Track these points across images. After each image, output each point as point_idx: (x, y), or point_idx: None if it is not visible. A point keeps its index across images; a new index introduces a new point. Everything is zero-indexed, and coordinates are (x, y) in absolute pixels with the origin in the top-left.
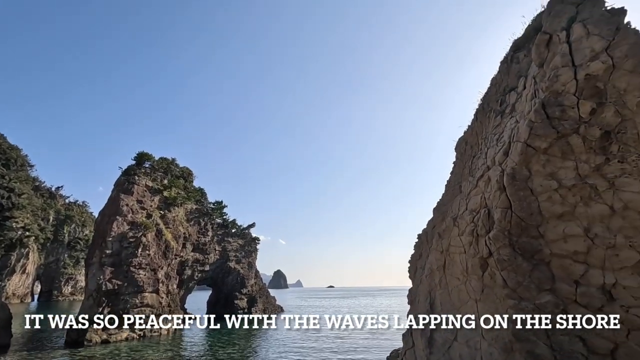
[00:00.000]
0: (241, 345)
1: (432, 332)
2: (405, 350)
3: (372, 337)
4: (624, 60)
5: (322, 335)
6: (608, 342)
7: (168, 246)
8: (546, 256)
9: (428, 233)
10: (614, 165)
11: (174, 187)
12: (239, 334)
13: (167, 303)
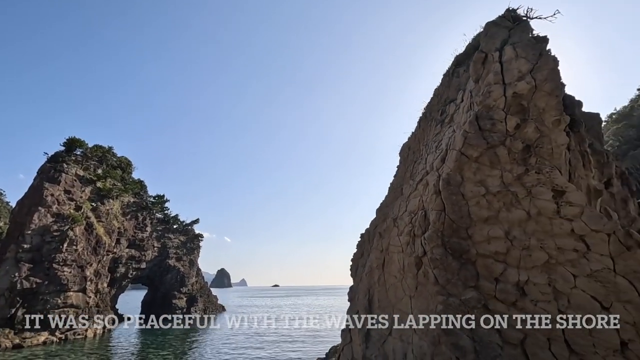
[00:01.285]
0: (177, 347)
1: (369, 328)
2: (343, 346)
3: (311, 336)
4: (544, 83)
5: (260, 335)
6: (519, 332)
7: (99, 241)
8: (473, 256)
9: (370, 233)
10: (532, 175)
11: (110, 177)
12: (176, 335)
13: (96, 303)
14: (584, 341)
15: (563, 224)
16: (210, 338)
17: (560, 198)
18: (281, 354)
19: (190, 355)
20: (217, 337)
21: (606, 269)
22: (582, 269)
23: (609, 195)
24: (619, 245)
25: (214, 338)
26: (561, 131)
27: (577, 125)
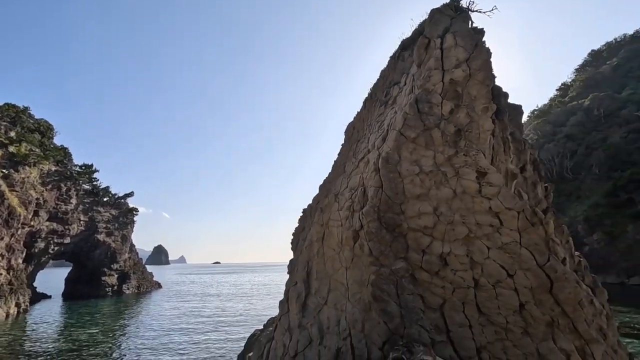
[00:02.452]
0: (107, 324)
1: (306, 298)
2: (281, 316)
3: (248, 310)
4: (477, 72)
5: (196, 311)
6: (439, 298)
7: (12, 213)
8: (404, 230)
9: (312, 208)
10: (460, 157)
11: (26, 142)
12: (103, 313)
13: (8, 281)
14: (491, 304)
15: (483, 202)
16: (141, 314)
17: (482, 179)
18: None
19: (119, 331)
20: (149, 313)
21: (514, 242)
22: (495, 242)
23: (522, 178)
24: (526, 222)
25: (145, 314)
26: (488, 118)
27: (502, 114)
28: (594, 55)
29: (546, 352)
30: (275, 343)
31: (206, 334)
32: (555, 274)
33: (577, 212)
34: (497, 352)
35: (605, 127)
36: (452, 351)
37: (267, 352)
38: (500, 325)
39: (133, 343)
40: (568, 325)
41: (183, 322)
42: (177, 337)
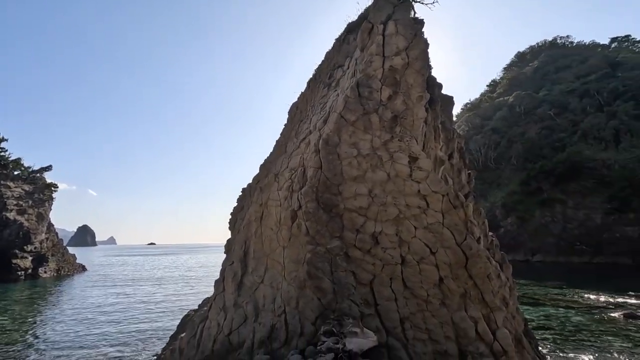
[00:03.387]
0: (18, 312)
1: (243, 277)
2: (216, 296)
3: (183, 292)
4: (415, 61)
5: (124, 295)
6: (369, 274)
7: None
8: (341, 210)
9: (252, 187)
10: (395, 142)
11: None
12: (15, 299)
13: None
14: (415, 278)
15: (413, 185)
16: (61, 301)
17: (414, 164)
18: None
19: (33, 318)
20: (72, 300)
21: (437, 222)
22: (422, 222)
23: (449, 165)
24: (449, 205)
25: (65, 299)
26: (422, 107)
27: (435, 103)
28: (520, 56)
29: (459, 320)
30: (210, 322)
31: (135, 318)
32: (470, 251)
33: (497, 198)
34: (418, 322)
35: (524, 123)
36: (378, 322)
37: (201, 331)
38: (421, 298)
39: (51, 331)
40: (477, 296)
41: (110, 307)
42: (104, 323)
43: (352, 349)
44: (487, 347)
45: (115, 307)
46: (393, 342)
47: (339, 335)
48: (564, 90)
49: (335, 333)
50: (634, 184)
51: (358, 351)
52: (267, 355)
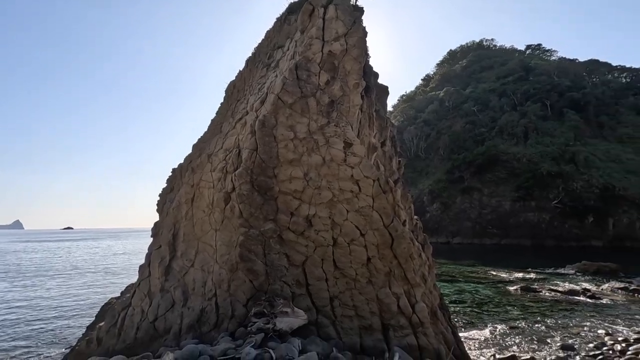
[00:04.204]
0: None
1: (171, 261)
2: (140, 281)
3: (103, 280)
4: (353, 48)
5: (31, 286)
6: (302, 255)
7: None
8: (275, 193)
9: (183, 167)
10: (331, 127)
11: None
12: None
13: None
14: (345, 259)
15: (346, 170)
16: None
17: (348, 149)
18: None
19: None
20: None
21: (368, 206)
22: (353, 205)
23: (382, 152)
24: (379, 189)
25: None
26: (358, 94)
27: (370, 92)
28: (451, 54)
29: (383, 296)
30: (133, 309)
31: (47, 314)
32: (396, 233)
33: (425, 185)
34: (346, 300)
35: (452, 117)
36: (309, 302)
37: (122, 319)
38: (350, 277)
39: None
40: (401, 274)
41: (16, 302)
42: (10, 321)
43: (282, 328)
44: (407, 320)
45: (23, 303)
46: (322, 319)
47: (269, 315)
48: (486, 89)
49: (266, 314)
50: (537, 176)
51: (288, 330)
52: (195, 339)
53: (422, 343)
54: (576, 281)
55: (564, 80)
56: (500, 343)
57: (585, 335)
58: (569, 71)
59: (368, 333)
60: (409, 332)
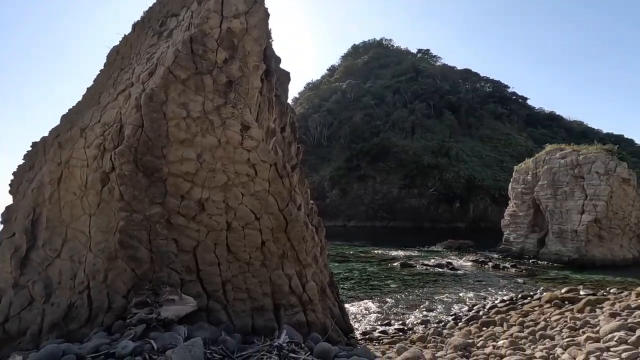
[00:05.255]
0: None
1: (29, 252)
2: None
3: None
4: (253, 28)
5: None
6: (193, 241)
7: None
8: (164, 174)
9: (48, 142)
10: (228, 108)
11: None
12: None
13: None
14: (239, 243)
15: (243, 153)
16: None
17: (245, 132)
18: None
19: None
20: None
21: (264, 190)
22: (249, 189)
23: (281, 137)
24: (276, 174)
25: None
26: (258, 76)
27: (271, 75)
28: (354, 48)
29: (276, 278)
30: None
31: None
32: (290, 216)
33: (326, 172)
34: (239, 283)
35: (353, 108)
36: (200, 288)
37: None
38: (244, 261)
39: None
40: (293, 256)
41: None
42: None
43: (167, 317)
44: (297, 299)
45: None
46: (214, 304)
47: (153, 305)
48: (383, 85)
49: (149, 303)
50: (419, 167)
51: (175, 318)
52: (61, 338)
53: (310, 319)
54: (443, 256)
55: (445, 84)
56: (380, 312)
57: (446, 300)
58: (449, 77)
59: (260, 314)
60: (299, 309)
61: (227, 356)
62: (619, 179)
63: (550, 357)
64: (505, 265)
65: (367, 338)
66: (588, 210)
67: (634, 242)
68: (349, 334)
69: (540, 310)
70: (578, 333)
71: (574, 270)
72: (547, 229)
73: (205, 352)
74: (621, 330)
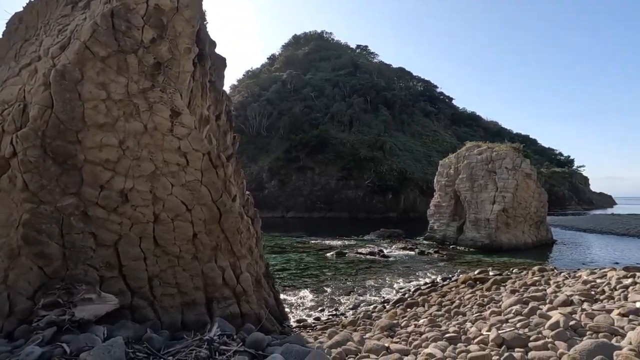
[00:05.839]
0: None
1: None
2: None
3: None
4: (185, 8)
5: None
6: (114, 234)
7: None
8: (79, 162)
9: None
10: (156, 92)
11: None
12: None
13: None
14: (168, 236)
15: (173, 141)
16: None
17: (176, 118)
18: None
19: None
20: None
21: (196, 180)
22: (179, 179)
23: (216, 126)
24: (209, 163)
25: None
26: (190, 60)
27: (205, 60)
28: (295, 39)
29: (208, 270)
30: None
31: None
32: (224, 207)
33: (265, 163)
34: (168, 278)
35: (293, 99)
36: (123, 284)
37: None
38: (173, 254)
39: None
40: (227, 248)
41: None
42: None
43: (83, 317)
44: (231, 291)
45: None
46: (139, 301)
47: (66, 305)
48: (323, 77)
49: (61, 304)
50: (356, 159)
51: (92, 318)
52: None
53: (244, 310)
54: (376, 244)
55: (381, 81)
56: (315, 300)
57: (376, 286)
58: (385, 74)
59: (191, 308)
60: (232, 301)
61: (152, 354)
62: (523, 173)
63: (461, 331)
64: (429, 251)
65: (301, 325)
66: (498, 201)
67: (533, 228)
68: (283, 323)
69: (457, 291)
70: (485, 309)
71: (486, 254)
72: (465, 218)
73: (127, 352)
74: (518, 304)
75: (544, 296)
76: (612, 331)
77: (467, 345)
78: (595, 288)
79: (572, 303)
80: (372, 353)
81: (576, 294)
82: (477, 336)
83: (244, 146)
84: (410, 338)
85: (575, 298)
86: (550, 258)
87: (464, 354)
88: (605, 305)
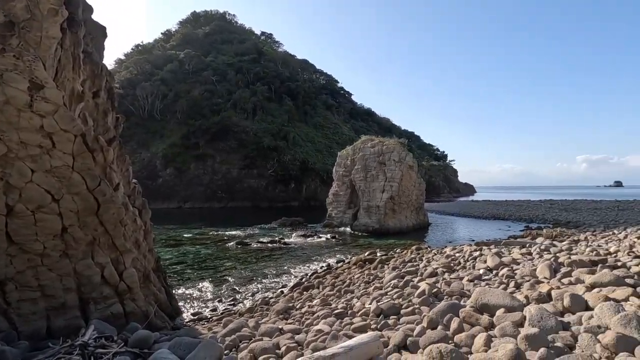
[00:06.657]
0: None
1: None
2: None
3: None
4: None
5: None
6: None
7: None
8: None
9: None
10: (9, 58)
11: None
12: None
13: None
14: (27, 231)
15: (33, 119)
16: None
17: (37, 92)
18: None
19: None
20: None
21: (65, 165)
22: (43, 164)
23: (94, 104)
24: (83, 147)
25: None
26: (56, 24)
27: (77, 26)
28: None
29: (83, 269)
30: None
31: None
32: (103, 197)
33: (159, 149)
34: (28, 280)
35: (192, 81)
36: None
37: None
38: (35, 253)
39: None
40: (107, 242)
41: None
42: None
43: None
44: (112, 289)
45: None
46: None
47: None
48: (225, 61)
49: None
50: (259, 148)
51: None
52: None
53: (129, 309)
54: (278, 233)
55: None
56: (213, 291)
57: (277, 273)
58: (289, 64)
59: (60, 313)
60: (114, 301)
61: None
62: (407, 165)
63: (348, 307)
64: (327, 237)
65: (196, 319)
66: (387, 190)
67: (414, 214)
68: (176, 318)
69: (349, 272)
70: (369, 285)
71: (376, 238)
72: (359, 205)
73: None
74: (396, 279)
75: (417, 270)
76: (462, 294)
77: (352, 318)
78: (454, 261)
79: (437, 274)
80: (265, 336)
81: (440, 266)
82: (361, 309)
83: (134, 129)
84: (303, 318)
85: (440, 270)
86: (426, 238)
87: (348, 326)
88: (460, 274)
